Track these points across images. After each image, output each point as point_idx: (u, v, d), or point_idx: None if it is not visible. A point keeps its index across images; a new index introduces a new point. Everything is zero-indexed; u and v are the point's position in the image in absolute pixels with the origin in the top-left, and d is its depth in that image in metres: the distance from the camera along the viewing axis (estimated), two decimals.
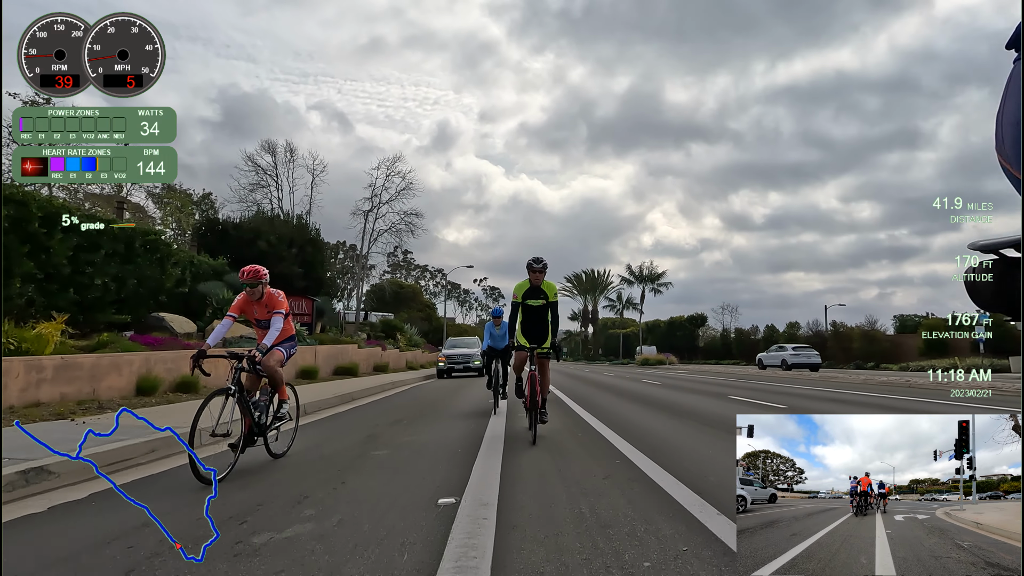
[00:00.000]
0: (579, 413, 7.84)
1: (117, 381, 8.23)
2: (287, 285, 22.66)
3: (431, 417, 7.67)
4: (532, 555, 2.32)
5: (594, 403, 9.41)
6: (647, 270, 60.26)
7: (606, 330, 63.98)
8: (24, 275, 9.19)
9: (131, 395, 8.38)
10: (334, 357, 17.45)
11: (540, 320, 5.60)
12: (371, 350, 22.21)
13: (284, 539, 2.54)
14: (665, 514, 2.88)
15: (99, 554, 2.40)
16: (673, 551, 2.34)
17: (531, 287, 5.47)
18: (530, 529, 2.66)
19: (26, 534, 2.70)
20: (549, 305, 5.57)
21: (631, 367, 40.16)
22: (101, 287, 11.31)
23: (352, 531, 2.65)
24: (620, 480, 3.66)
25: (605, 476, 3.79)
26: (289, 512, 2.99)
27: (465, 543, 2.45)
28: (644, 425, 6.59)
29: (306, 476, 3.96)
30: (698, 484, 3.45)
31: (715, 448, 4.88)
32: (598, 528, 2.66)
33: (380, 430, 6.30)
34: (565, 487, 3.50)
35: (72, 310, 10.28)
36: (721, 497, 3.11)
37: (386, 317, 38.60)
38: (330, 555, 2.34)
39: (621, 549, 2.38)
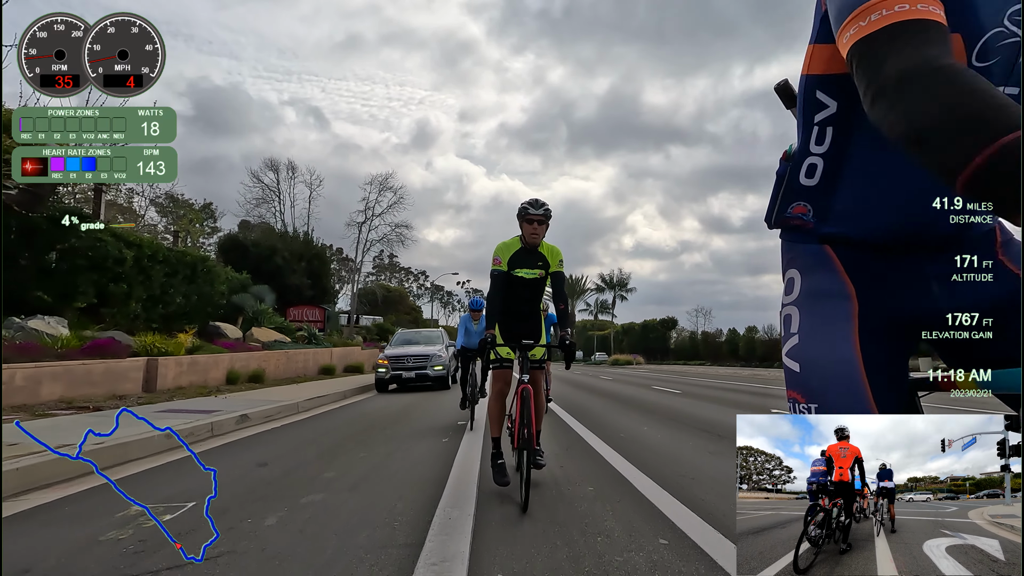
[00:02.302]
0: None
1: (216, 374, 11.73)
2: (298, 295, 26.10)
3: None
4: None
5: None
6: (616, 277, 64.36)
7: (585, 332, 67.99)
8: (138, 298, 12.60)
9: (224, 384, 11.86)
10: (345, 357, 20.93)
11: (535, 302, 3.70)
12: (371, 351, 25.69)
13: None
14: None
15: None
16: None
17: (523, 249, 3.54)
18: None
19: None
20: (552, 278, 3.61)
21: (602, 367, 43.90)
22: (179, 304, 14.73)
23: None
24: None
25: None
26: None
27: None
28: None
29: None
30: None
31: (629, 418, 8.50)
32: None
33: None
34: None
35: (159, 322, 13.70)
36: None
37: (376, 320, 41.93)
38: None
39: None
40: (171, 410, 7.16)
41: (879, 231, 0.95)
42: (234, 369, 12.32)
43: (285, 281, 24.92)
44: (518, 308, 3.66)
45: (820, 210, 1.00)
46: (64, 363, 7.72)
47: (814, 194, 1.00)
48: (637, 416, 7.61)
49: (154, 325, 12.93)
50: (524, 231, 3.51)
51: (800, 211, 1.02)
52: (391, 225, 38.94)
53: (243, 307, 19.51)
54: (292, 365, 15.52)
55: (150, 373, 9.63)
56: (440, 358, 12.52)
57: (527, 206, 3.45)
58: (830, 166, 0.96)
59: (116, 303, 11.86)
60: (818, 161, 0.97)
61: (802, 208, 1.02)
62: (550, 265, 3.59)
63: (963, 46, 0.80)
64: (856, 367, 0.92)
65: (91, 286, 11.00)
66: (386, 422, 6.97)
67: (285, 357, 15.32)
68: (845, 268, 0.99)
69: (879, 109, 0.67)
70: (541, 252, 3.58)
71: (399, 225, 39.13)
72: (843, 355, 0.92)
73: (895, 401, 0.93)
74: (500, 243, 3.61)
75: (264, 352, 14.54)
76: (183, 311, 15.35)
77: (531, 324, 3.68)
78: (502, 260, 3.54)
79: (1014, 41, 0.80)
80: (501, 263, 3.54)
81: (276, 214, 35.78)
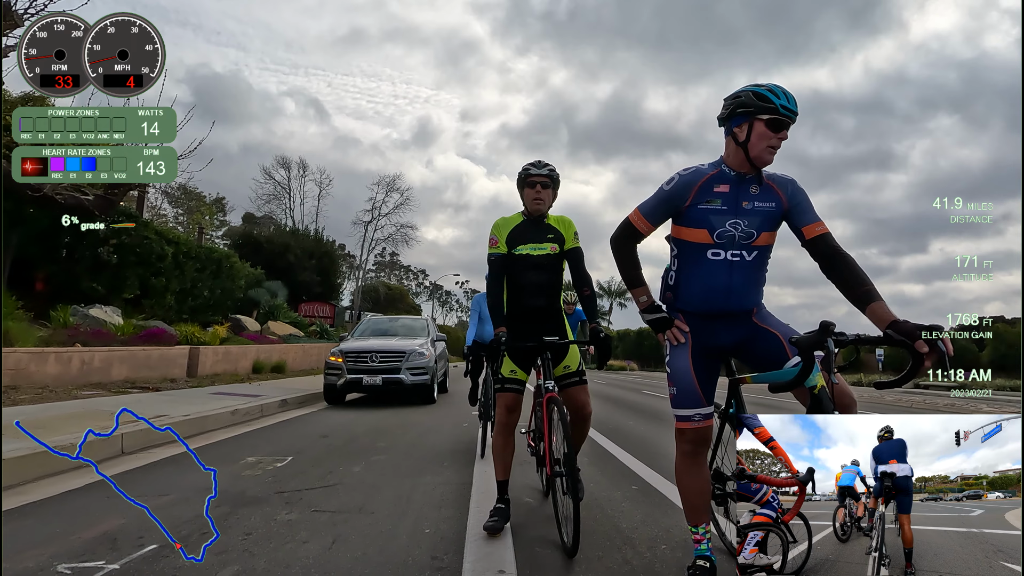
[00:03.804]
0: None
1: (245, 363, 12.87)
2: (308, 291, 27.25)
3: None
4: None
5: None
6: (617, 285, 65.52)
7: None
8: (173, 291, 13.74)
9: (251, 372, 12.99)
10: None
11: (551, 292, 2.87)
12: None
13: None
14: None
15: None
16: None
17: (527, 222, 2.87)
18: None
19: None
20: (569, 257, 2.87)
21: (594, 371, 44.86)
22: (205, 297, 15.87)
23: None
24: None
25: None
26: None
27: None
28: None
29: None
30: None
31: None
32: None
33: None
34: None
35: (189, 313, 14.83)
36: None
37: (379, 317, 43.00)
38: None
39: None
40: (221, 393, 8.30)
41: (697, 306, 2.05)
42: (259, 359, 13.46)
43: (296, 277, 26.05)
44: (529, 302, 2.83)
45: (675, 295, 2.14)
46: (129, 348, 8.86)
47: (673, 288, 2.14)
48: (626, 413, 8.75)
49: (184, 316, 14.06)
50: (526, 198, 2.83)
51: (669, 296, 2.16)
52: (397, 225, 40.28)
53: (258, 301, 20.64)
54: (308, 358, 16.65)
55: (192, 360, 10.77)
56: (422, 357, 8.67)
57: (529, 166, 2.82)
58: (677, 276, 2.11)
59: (155, 295, 13.01)
60: (673, 272, 2.12)
61: (669, 295, 2.16)
62: (565, 240, 2.84)
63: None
64: (690, 371, 2.06)
65: (137, 279, 12.14)
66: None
67: (302, 350, 16.45)
68: (687, 322, 2.11)
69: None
70: (552, 224, 2.86)
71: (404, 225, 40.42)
72: (684, 365, 2.07)
73: (710, 390, 2.09)
74: (498, 219, 2.91)
75: (284, 345, 15.68)
76: (208, 304, 16.47)
77: (550, 326, 2.83)
78: (499, 239, 2.83)
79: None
80: (499, 243, 2.83)
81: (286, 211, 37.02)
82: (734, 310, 2.05)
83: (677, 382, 2.08)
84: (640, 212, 2.07)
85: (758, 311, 2.11)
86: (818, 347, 1.72)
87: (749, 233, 1.97)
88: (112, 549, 2.40)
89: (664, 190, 2.03)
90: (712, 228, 1.97)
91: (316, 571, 2.21)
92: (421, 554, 2.41)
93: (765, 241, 2.01)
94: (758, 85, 1.91)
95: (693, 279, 2.05)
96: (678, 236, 2.07)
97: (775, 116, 1.86)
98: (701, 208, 1.97)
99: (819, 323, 1.73)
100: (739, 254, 1.99)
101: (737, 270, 2.00)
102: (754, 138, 1.89)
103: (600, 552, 2.47)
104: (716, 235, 1.98)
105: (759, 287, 2.09)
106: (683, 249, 2.07)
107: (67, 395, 7.01)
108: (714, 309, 2.04)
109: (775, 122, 1.87)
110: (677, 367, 2.08)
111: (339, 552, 2.41)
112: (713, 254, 1.99)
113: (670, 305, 2.17)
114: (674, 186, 2.00)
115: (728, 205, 1.97)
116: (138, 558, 2.31)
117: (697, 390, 2.05)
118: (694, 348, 2.08)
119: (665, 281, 2.19)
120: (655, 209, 2.05)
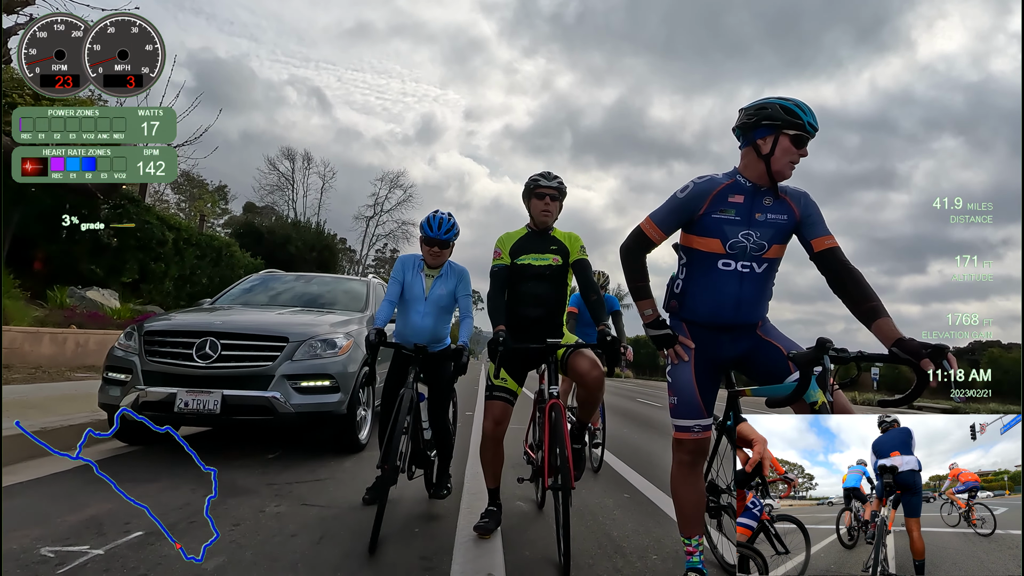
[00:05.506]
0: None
1: None
2: None
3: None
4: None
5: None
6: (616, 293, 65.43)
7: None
8: (171, 276, 13.69)
9: None
10: None
11: (555, 305, 2.84)
12: None
13: None
14: None
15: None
16: None
17: (531, 234, 2.88)
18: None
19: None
20: (575, 268, 2.84)
21: None
22: (204, 284, 15.83)
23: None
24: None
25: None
26: None
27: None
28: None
29: None
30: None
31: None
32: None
33: None
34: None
35: (187, 300, 14.79)
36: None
37: None
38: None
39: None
40: None
41: (703, 317, 2.06)
42: None
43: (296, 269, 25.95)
44: (527, 311, 2.79)
45: (681, 304, 2.11)
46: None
47: (679, 297, 2.11)
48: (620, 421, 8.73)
49: (182, 303, 14.02)
50: (533, 209, 2.83)
51: (674, 304, 2.15)
52: (398, 222, 40.20)
53: None
54: None
55: None
56: (329, 351, 4.24)
57: (538, 177, 2.83)
58: (684, 285, 2.09)
59: (154, 280, 12.97)
60: (681, 281, 2.11)
61: (675, 303, 2.14)
62: (570, 252, 2.83)
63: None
64: (692, 382, 2.03)
65: (136, 263, 12.10)
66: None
67: None
68: (690, 333, 2.08)
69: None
70: (557, 237, 2.86)
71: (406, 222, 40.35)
72: (687, 376, 2.05)
73: (711, 401, 2.05)
74: (502, 234, 2.91)
75: None
76: (206, 291, 16.43)
77: (550, 322, 2.81)
78: (503, 251, 2.83)
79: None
80: (502, 255, 2.83)
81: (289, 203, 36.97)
82: (741, 322, 2.03)
83: (678, 392, 2.06)
84: (652, 220, 2.04)
85: (763, 324, 2.09)
86: (815, 364, 1.70)
87: (761, 245, 1.96)
88: (98, 534, 2.38)
89: (678, 198, 2.01)
90: (725, 238, 1.96)
91: (303, 566, 2.20)
92: (410, 555, 2.39)
93: (775, 254, 2.00)
94: (784, 99, 1.90)
95: (702, 289, 2.03)
96: (688, 244, 2.06)
97: (801, 132, 1.86)
98: (715, 217, 1.96)
99: (816, 340, 1.72)
100: (749, 265, 1.97)
101: (747, 281, 1.98)
102: (778, 152, 1.88)
103: (590, 560, 2.46)
104: (728, 245, 1.96)
105: (766, 300, 2.07)
106: (693, 258, 2.05)
107: (60, 376, 6.97)
108: (721, 320, 2.02)
109: (800, 138, 1.87)
110: (679, 377, 2.06)
111: (327, 548, 2.39)
112: (724, 264, 1.98)
113: (675, 314, 2.15)
114: (688, 194, 1.99)
115: (742, 216, 1.95)
116: (123, 544, 2.29)
117: (698, 401, 2.03)
118: (697, 359, 2.06)
119: (671, 289, 2.17)
120: (668, 217, 2.03)
